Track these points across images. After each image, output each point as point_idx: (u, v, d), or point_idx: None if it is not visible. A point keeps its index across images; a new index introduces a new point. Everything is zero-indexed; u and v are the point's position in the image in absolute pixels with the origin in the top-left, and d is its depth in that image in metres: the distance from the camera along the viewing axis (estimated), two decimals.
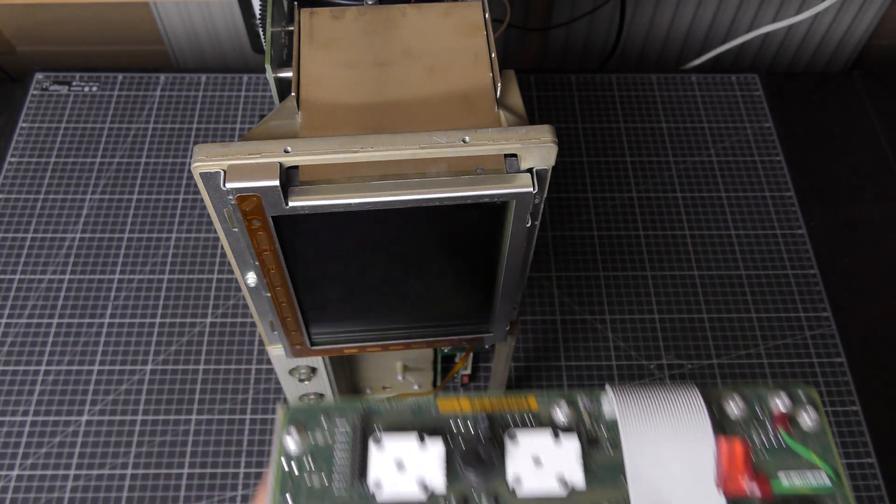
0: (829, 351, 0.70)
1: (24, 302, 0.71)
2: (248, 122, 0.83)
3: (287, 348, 0.45)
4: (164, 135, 0.82)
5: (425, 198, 0.34)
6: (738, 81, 0.88)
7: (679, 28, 0.98)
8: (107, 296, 0.72)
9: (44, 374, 0.67)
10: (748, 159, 0.82)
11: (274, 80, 0.42)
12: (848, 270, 0.75)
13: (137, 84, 0.85)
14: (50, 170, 0.79)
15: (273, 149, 0.33)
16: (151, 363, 0.68)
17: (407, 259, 0.40)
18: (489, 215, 0.37)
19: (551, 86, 0.87)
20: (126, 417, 0.66)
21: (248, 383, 0.67)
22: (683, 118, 0.85)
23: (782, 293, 0.73)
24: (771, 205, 0.79)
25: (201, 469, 0.63)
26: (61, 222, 0.76)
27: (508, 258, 0.39)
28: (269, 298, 0.40)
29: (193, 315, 0.71)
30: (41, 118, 0.83)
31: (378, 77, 0.39)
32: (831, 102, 0.87)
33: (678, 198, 0.79)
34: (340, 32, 0.41)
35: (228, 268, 0.73)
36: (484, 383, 0.69)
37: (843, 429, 0.66)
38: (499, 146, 0.34)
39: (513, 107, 0.38)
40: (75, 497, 0.62)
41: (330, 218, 0.35)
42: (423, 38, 0.41)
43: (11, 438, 0.64)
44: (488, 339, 0.47)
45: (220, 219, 0.36)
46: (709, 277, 0.74)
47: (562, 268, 0.74)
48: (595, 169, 0.81)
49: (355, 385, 0.64)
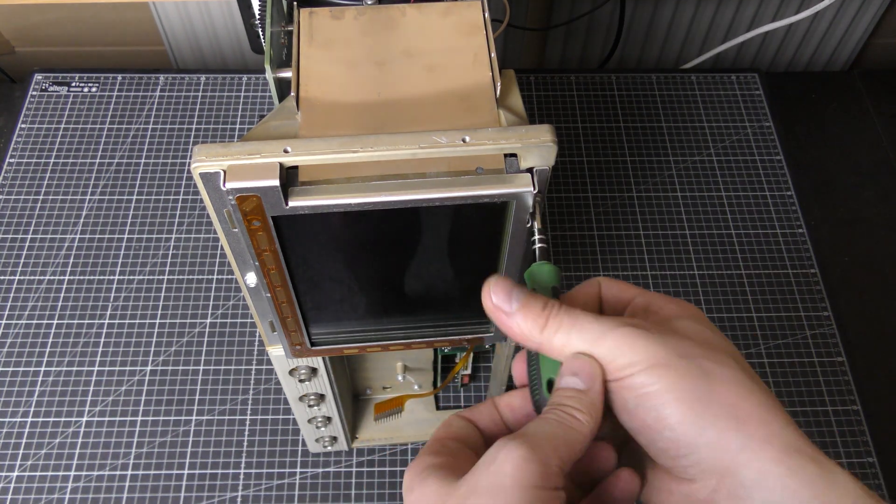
0: (829, 350, 0.70)
1: (24, 302, 0.71)
2: (247, 122, 0.83)
3: (287, 349, 0.45)
4: (163, 135, 0.82)
5: (425, 198, 0.34)
6: (737, 81, 0.88)
7: (679, 27, 0.98)
8: (107, 296, 0.72)
9: (44, 374, 0.67)
10: (748, 159, 0.82)
11: (273, 80, 0.42)
12: (848, 270, 0.75)
13: (137, 84, 0.85)
14: (50, 170, 0.79)
15: (273, 149, 0.33)
16: (151, 364, 0.68)
17: (407, 259, 0.40)
18: (489, 215, 0.37)
19: (551, 86, 0.87)
20: (126, 418, 0.65)
21: (248, 383, 0.67)
22: (683, 118, 0.85)
23: (782, 293, 0.73)
24: (771, 204, 0.79)
25: (201, 469, 0.63)
26: (61, 223, 0.76)
27: (508, 258, 0.39)
28: (269, 298, 0.40)
29: (193, 315, 0.71)
30: (41, 119, 0.83)
31: (378, 77, 0.39)
32: (831, 102, 0.87)
33: (678, 197, 0.79)
34: (340, 32, 0.41)
35: (228, 268, 0.73)
36: (484, 383, 0.69)
37: (843, 428, 0.66)
38: (499, 146, 0.34)
39: (512, 107, 0.38)
40: (75, 498, 0.62)
41: (330, 218, 0.35)
42: (422, 37, 0.41)
43: (11, 439, 0.64)
44: (488, 339, 0.47)
45: (219, 219, 0.36)
46: (709, 277, 0.74)
47: (562, 267, 0.74)
48: (595, 169, 0.81)
49: (355, 385, 0.64)
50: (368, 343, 0.46)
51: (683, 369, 0.30)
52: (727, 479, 0.29)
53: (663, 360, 0.30)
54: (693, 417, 0.29)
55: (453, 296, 0.43)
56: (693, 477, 0.31)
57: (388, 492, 0.63)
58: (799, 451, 0.29)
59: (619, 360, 0.30)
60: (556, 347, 0.31)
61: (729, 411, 0.29)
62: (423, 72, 0.40)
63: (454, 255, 0.40)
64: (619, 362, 0.30)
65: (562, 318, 0.31)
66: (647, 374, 0.30)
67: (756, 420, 0.29)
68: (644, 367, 0.30)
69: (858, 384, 0.68)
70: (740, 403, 0.29)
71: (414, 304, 0.44)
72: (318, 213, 0.34)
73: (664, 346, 0.30)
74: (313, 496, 0.62)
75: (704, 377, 0.30)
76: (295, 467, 0.63)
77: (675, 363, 0.30)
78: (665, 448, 0.30)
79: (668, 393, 0.29)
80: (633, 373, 0.30)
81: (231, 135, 0.82)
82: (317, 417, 0.57)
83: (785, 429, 0.29)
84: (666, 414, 0.29)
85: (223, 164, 0.33)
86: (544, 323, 0.31)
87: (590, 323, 0.31)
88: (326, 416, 0.57)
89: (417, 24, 0.42)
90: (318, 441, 0.61)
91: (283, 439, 0.65)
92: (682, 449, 0.30)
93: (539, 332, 0.31)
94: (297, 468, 0.63)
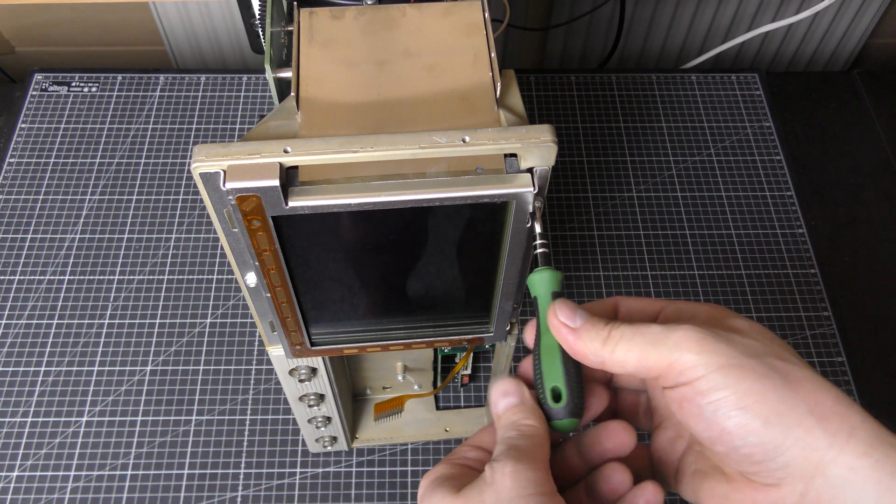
0: (829, 350, 0.70)
1: (24, 302, 0.71)
2: (247, 122, 0.83)
3: (287, 349, 0.45)
4: (163, 135, 0.82)
5: (425, 198, 0.34)
6: (738, 81, 0.88)
7: (679, 27, 0.98)
8: (107, 296, 0.72)
9: (44, 374, 0.67)
10: (748, 159, 0.82)
11: (273, 80, 0.42)
12: (848, 270, 0.75)
13: (137, 84, 0.85)
14: (50, 170, 0.79)
15: (273, 149, 0.33)
16: (151, 363, 0.68)
17: (407, 259, 0.40)
18: (489, 215, 0.37)
19: (551, 86, 0.87)
20: (126, 418, 0.65)
21: (248, 383, 0.67)
22: (683, 118, 0.85)
23: (782, 293, 0.73)
24: (771, 205, 0.79)
25: (201, 469, 0.63)
26: (61, 222, 0.76)
27: (508, 258, 0.39)
28: (269, 298, 0.40)
29: (193, 315, 0.71)
30: (41, 118, 0.83)
31: (378, 77, 0.39)
32: (831, 102, 0.87)
33: (678, 197, 0.79)
34: (340, 32, 0.41)
35: (228, 268, 0.73)
36: (484, 383, 0.69)
37: None
38: (499, 146, 0.34)
39: (512, 107, 0.38)
40: (75, 498, 0.62)
41: (330, 218, 0.35)
42: (422, 37, 0.41)
43: (11, 439, 0.64)
44: (488, 339, 0.47)
45: (219, 219, 0.36)
46: (709, 277, 0.74)
47: (562, 267, 0.74)
48: (595, 169, 0.81)
49: (355, 385, 0.64)
50: (368, 343, 0.46)
51: (759, 370, 0.29)
52: (816, 479, 0.29)
53: (735, 359, 0.29)
54: (778, 419, 0.29)
55: (453, 296, 0.43)
56: (779, 481, 0.30)
57: (388, 492, 0.63)
58: (883, 441, 0.28)
59: (686, 359, 0.30)
60: (619, 360, 0.32)
61: (811, 409, 0.29)
62: (423, 72, 0.39)
63: (454, 255, 0.40)
64: (686, 361, 0.30)
65: (623, 330, 0.31)
66: (720, 374, 0.29)
67: (838, 416, 0.29)
68: (715, 368, 0.29)
69: (858, 384, 0.68)
70: (820, 400, 0.29)
71: (414, 304, 0.44)
72: (317, 213, 0.34)
73: (731, 345, 0.30)
74: (313, 496, 0.62)
75: (780, 377, 0.29)
76: (295, 467, 0.63)
77: (747, 364, 0.29)
78: (750, 454, 0.30)
79: (748, 396, 0.29)
80: (703, 374, 0.30)
81: (231, 135, 0.82)
82: (317, 417, 0.57)
83: (865, 421, 0.29)
84: (749, 417, 0.29)
85: (223, 164, 0.33)
86: (607, 335, 0.32)
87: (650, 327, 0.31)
88: (326, 416, 0.57)
89: (417, 24, 0.42)
90: (318, 441, 0.61)
91: (283, 439, 0.65)
92: (769, 452, 0.29)
93: (602, 345, 0.32)
94: (297, 468, 0.63)
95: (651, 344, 0.31)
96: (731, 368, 0.29)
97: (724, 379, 0.29)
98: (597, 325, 0.32)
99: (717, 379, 0.29)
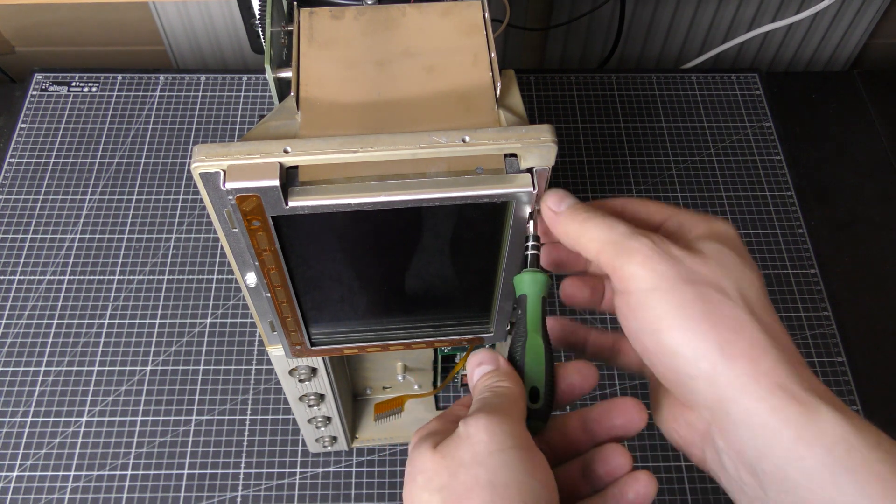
0: (829, 350, 0.70)
1: (24, 302, 0.71)
2: (247, 122, 0.83)
3: (287, 349, 0.45)
4: (163, 135, 0.82)
5: (425, 198, 0.34)
6: (738, 81, 0.88)
7: (679, 28, 0.98)
8: (107, 296, 0.72)
9: (44, 374, 0.67)
10: (748, 159, 0.82)
11: (273, 80, 0.42)
12: (848, 270, 0.75)
13: (137, 84, 0.85)
14: (50, 170, 0.79)
15: (273, 149, 0.33)
16: (151, 363, 0.68)
17: (407, 259, 0.40)
18: (489, 215, 0.37)
19: (551, 86, 0.87)
20: (126, 418, 0.65)
21: (248, 383, 0.67)
22: (683, 118, 0.85)
23: (782, 292, 0.73)
24: (771, 204, 0.79)
25: (201, 469, 0.63)
26: (61, 222, 0.76)
27: (508, 258, 0.39)
28: (269, 298, 0.40)
29: (193, 315, 0.71)
30: (41, 118, 0.83)
31: (378, 77, 0.39)
32: (831, 102, 0.87)
33: (678, 197, 0.79)
34: (340, 32, 0.41)
35: (228, 268, 0.73)
36: None
37: None
38: (498, 146, 0.34)
39: (512, 107, 0.38)
40: (75, 498, 0.62)
41: (330, 218, 0.35)
42: (422, 37, 0.41)
43: (11, 439, 0.64)
44: (488, 339, 0.47)
45: (219, 219, 0.36)
46: None
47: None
48: (595, 169, 0.81)
49: (355, 385, 0.64)
50: (368, 343, 0.46)
51: (686, 298, 0.30)
52: (719, 413, 0.30)
53: (667, 282, 0.30)
54: (688, 349, 0.30)
55: (453, 296, 0.43)
56: (692, 405, 0.31)
57: (388, 492, 0.63)
58: (784, 389, 0.29)
59: (628, 269, 0.31)
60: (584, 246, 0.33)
61: (721, 346, 0.29)
62: (423, 72, 0.39)
63: (454, 255, 0.40)
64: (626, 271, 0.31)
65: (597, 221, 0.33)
66: (648, 294, 0.30)
67: (748, 358, 0.29)
68: (648, 287, 0.30)
69: (858, 384, 0.68)
70: (734, 339, 0.30)
71: (414, 304, 0.44)
72: (317, 213, 0.34)
73: (674, 267, 0.30)
74: (313, 496, 0.62)
75: (704, 308, 0.30)
76: (295, 467, 0.64)
77: (679, 288, 0.30)
78: (664, 374, 0.31)
79: (666, 319, 0.30)
80: (635, 289, 0.31)
81: (231, 135, 0.82)
82: (317, 417, 0.57)
83: (776, 367, 0.29)
84: (664, 339, 0.30)
85: (223, 164, 0.33)
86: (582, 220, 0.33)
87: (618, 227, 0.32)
88: (326, 416, 0.57)
89: (417, 24, 0.42)
90: (318, 441, 0.61)
91: (283, 439, 0.65)
92: (680, 377, 0.30)
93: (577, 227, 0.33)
94: (297, 468, 0.63)
95: (609, 242, 0.32)
96: (659, 291, 0.30)
97: (649, 299, 0.30)
98: (578, 212, 0.34)
99: (644, 297, 0.30)
